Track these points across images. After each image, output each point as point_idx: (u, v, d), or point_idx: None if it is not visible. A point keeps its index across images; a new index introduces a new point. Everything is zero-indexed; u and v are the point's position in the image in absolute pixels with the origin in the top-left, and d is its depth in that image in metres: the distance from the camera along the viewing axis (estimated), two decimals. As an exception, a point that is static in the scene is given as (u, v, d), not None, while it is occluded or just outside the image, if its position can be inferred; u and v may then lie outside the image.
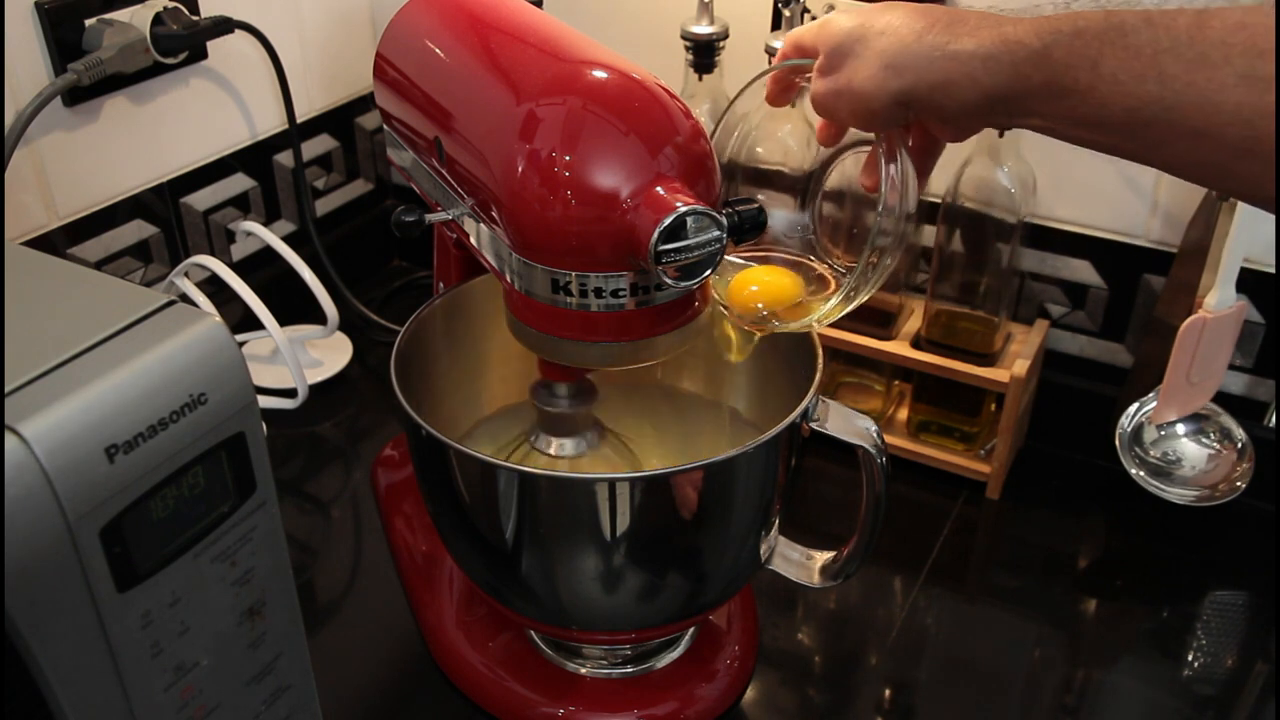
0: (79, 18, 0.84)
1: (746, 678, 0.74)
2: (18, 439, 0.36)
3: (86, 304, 0.43)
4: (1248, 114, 0.42)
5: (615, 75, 0.55)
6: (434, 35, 0.67)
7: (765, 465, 0.62)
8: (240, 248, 1.04)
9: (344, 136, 1.13)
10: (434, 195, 0.68)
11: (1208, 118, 0.43)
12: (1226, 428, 0.86)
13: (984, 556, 0.88)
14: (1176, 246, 0.85)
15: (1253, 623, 0.81)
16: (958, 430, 0.92)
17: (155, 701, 0.44)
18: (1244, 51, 0.41)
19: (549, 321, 0.57)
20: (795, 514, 0.89)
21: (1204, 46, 0.42)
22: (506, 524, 0.61)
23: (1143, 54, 0.44)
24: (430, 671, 0.75)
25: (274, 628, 0.49)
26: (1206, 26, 0.43)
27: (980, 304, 0.88)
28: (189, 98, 0.95)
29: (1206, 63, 0.42)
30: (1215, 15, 0.43)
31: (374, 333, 1.10)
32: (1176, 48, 0.43)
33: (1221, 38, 0.42)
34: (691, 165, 0.54)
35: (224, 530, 0.44)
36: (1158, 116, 0.44)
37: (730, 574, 0.67)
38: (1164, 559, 0.85)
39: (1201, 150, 0.44)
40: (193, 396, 0.41)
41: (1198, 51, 0.43)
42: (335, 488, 0.93)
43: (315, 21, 1.05)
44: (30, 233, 0.86)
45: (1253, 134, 0.42)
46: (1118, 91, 0.45)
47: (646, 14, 0.98)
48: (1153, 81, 0.44)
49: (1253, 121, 0.41)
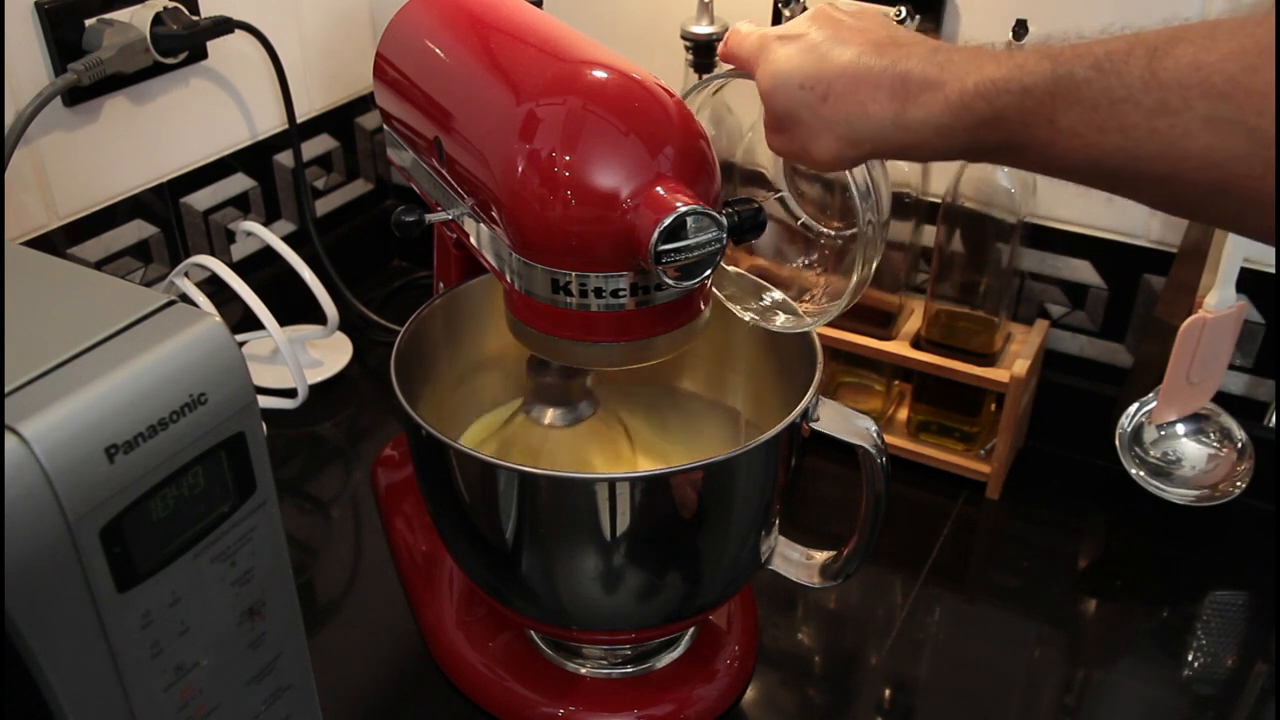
0: (79, 18, 0.84)
1: (746, 678, 0.74)
2: (18, 439, 0.36)
3: (86, 304, 0.42)
4: (1217, 157, 0.40)
5: (615, 75, 0.55)
6: (434, 35, 0.67)
7: (765, 465, 0.62)
8: (240, 248, 1.04)
9: (344, 136, 1.13)
10: (434, 195, 0.68)
11: (1175, 164, 0.41)
12: (1226, 428, 0.86)
13: (984, 556, 0.88)
14: (1176, 246, 0.85)
15: (1253, 623, 0.81)
16: (958, 430, 0.92)
17: (155, 701, 0.44)
18: (1203, 94, 0.39)
19: (549, 321, 0.57)
20: (795, 514, 0.89)
21: (1161, 93, 0.40)
22: (506, 524, 0.61)
23: (1099, 106, 0.42)
24: (430, 671, 0.75)
25: (274, 628, 0.49)
26: (1160, 69, 0.40)
27: (980, 304, 0.88)
28: (189, 98, 0.95)
29: (1167, 109, 0.40)
30: (1166, 56, 0.40)
31: (374, 333, 1.10)
32: (1133, 96, 0.41)
33: (1177, 79, 0.40)
34: (691, 165, 0.54)
35: (224, 530, 0.44)
36: (1123, 166, 0.43)
37: (730, 574, 0.67)
38: (1164, 559, 0.85)
39: (1173, 191, 0.42)
40: (193, 396, 0.41)
41: (1155, 99, 0.40)
42: (335, 488, 0.93)
43: (315, 21, 1.05)
44: (30, 233, 0.86)
45: (1224, 175, 0.40)
46: (1078, 144, 0.43)
47: (646, 14, 0.98)
48: (1114, 132, 0.42)
49: (1222, 164, 0.40)
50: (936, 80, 0.47)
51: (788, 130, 0.53)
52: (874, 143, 0.50)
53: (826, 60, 0.51)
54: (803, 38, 0.52)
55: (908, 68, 0.48)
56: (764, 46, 0.54)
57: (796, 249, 0.69)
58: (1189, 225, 0.83)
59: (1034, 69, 0.44)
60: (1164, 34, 0.41)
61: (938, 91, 0.47)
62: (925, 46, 0.49)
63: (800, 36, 0.53)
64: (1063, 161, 0.45)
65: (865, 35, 0.51)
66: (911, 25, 0.80)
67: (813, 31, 0.52)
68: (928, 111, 0.47)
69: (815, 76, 0.51)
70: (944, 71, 0.47)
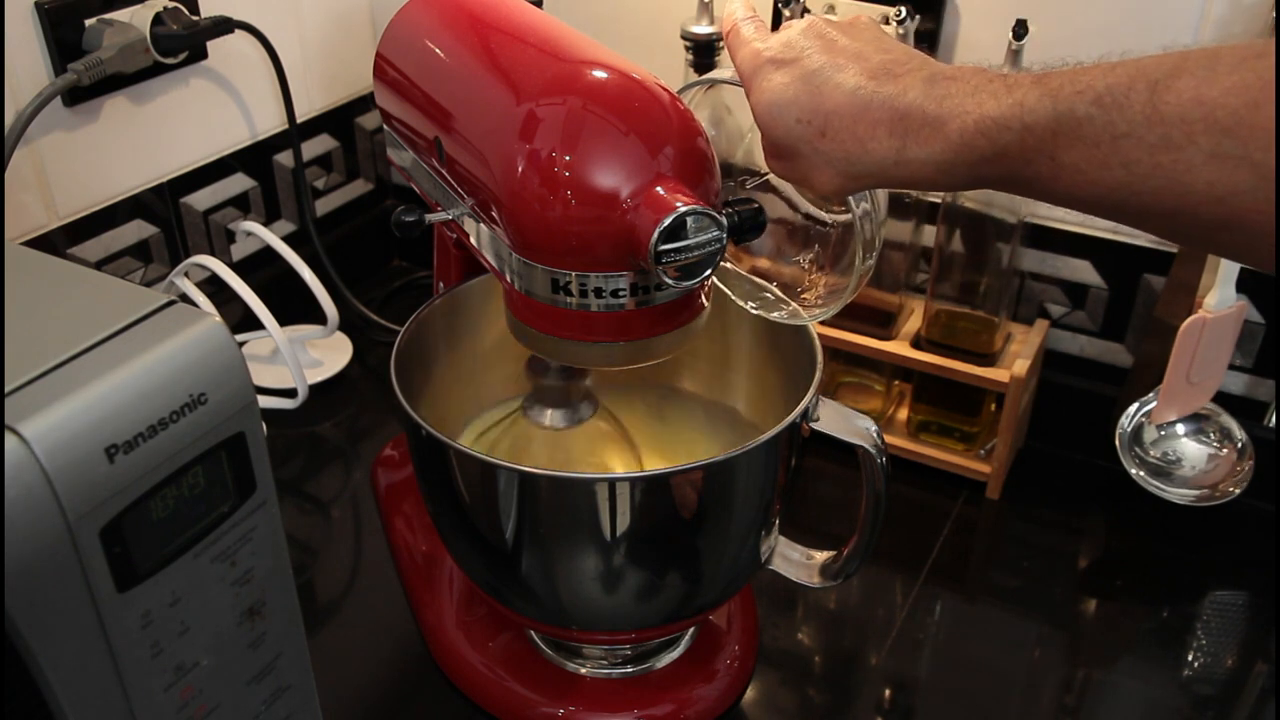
0: (79, 18, 0.84)
1: (746, 678, 0.74)
2: (18, 439, 0.36)
3: (86, 304, 0.42)
4: (1220, 192, 0.39)
5: (615, 75, 0.55)
6: (434, 35, 0.67)
7: (765, 465, 0.62)
8: (240, 248, 1.04)
9: (344, 136, 1.13)
10: (434, 195, 0.68)
11: (1178, 199, 0.41)
12: (1226, 428, 0.86)
13: (984, 556, 0.88)
14: (1176, 246, 0.85)
15: (1253, 623, 0.81)
16: (958, 430, 0.92)
17: (155, 701, 0.44)
18: (1207, 129, 0.39)
19: (549, 321, 0.57)
20: (795, 514, 0.89)
21: (1163, 128, 0.40)
22: (506, 524, 0.61)
23: (1101, 143, 0.42)
24: (430, 671, 0.75)
25: (274, 628, 0.49)
26: (1162, 104, 0.40)
27: (980, 304, 0.88)
28: (189, 98, 0.95)
29: (1170, 144, 0.40)
30: (1167, 90, 0.40)
31: (374, 333, 1.10)
32: (1135, 132, 0.41)
33: (1180, 115, 0.40)
34: (691, 165, 0.54)
35: (224, 530, 0.44)
36: (1126, 201, 0.42)
37: (730, 574, 0.67)
38: (1164, 559, 0.85)
39: (1178, 225, 0.42)
40: (193, 396, 0.41)
41: (1159, 134, 0.40)
42: (335, 488, 0.93)
43: (315, 21, 1.05)
44: (30, 233, 0.86)
45: (1229, 210, 0.40)
46: (1081, 180, 0.43)
47: (646, 14, 0.98)
48: (1117, 168, 0.42)
49: (1227, 199, 0.39)
50: (936, 116, 0.47)
51: (788, 160, 0.53)
52: (875, 178, 0.50)
53: (822, 94, 0.50)
54: (797, 63, 0.51)
55: (906, 103, 0.48)
56: (757, 70, 0.53)
57: (796, 246, 0.69)
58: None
59: (1034, 106, 0.44)
60: (1164, 64, 0.41)
61: (938, 129, 0.47)
62: (921, 76, 0.48)
63: (794, 62, 0.51)
64: (1067, 196, 0.44)
65: (861, 62, 0.50)
66: (911, 25, 0.80)
67: (807, 55, 0.51)
68: (929, 150, 0.47)
69: (812, 110, 0.50)
70: (942, 106, 0.47)
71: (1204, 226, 0.41)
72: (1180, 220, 0.42)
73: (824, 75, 0.50)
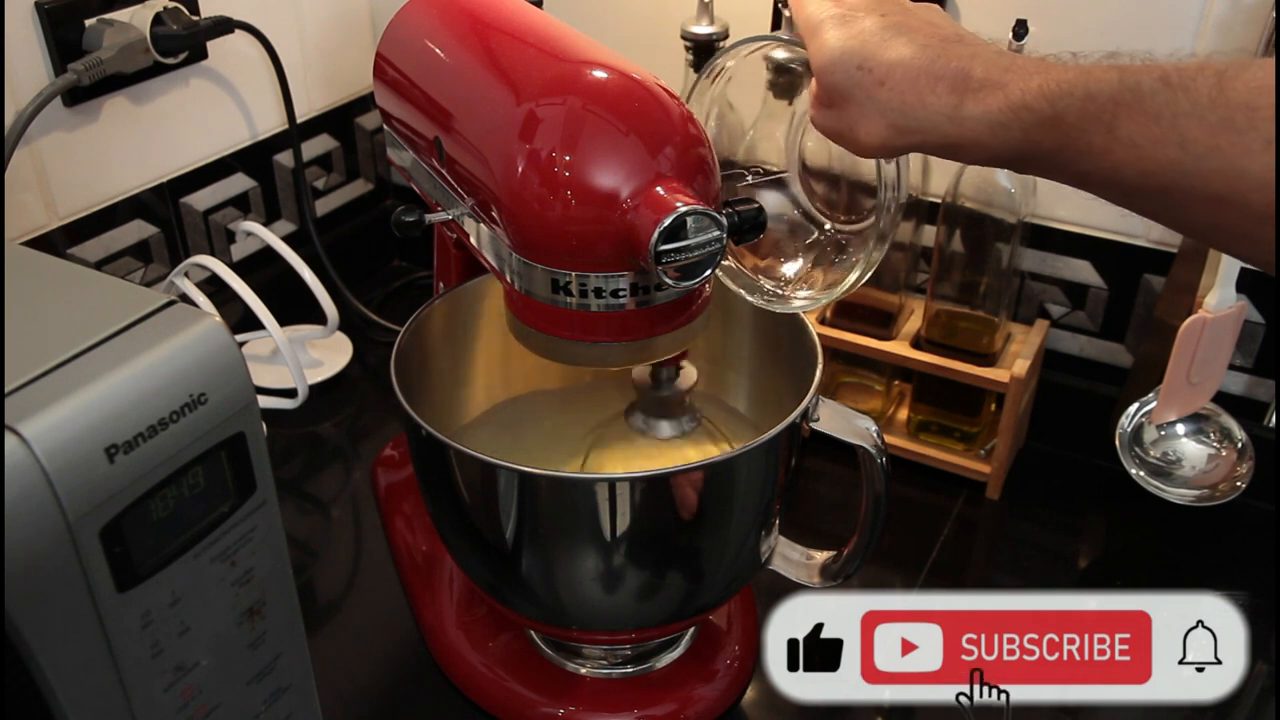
0: (79, 18, 0.84)
1: (746, 678, 0.74)
2: (18, 439, 0.36)
3: (86, 304, 0.43)
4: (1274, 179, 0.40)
5: (615, 75, 0.55)
6: (434, 35, 0.67)
7: (765, 465, 0.62)
8: (240, 248, 1.04)
9: (344, 136, 1.13)
10: (434, 195, 0.68)
11: (1231, 183, 0.41)
12: (1226, 428, 0.86)
13: (984, 556, 0.88)
14: (1176, 246, 0.85)
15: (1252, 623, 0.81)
16: (958, 430, 0.92)
17: (155, 701, 0.44)
18: (1269, 116, 0.39)
19: (549, 321, 0.57)
20: (795, 514, 0.89)
21: (1227, 110, 0.40)
22: (506, 524, 0.61)
23: (1161, 118, 0.42)
24: (430, 671, 0.75)
25: (274, 628, 0.49)
26: (1228, 89, 0.40)
27: (980, 304, 0.88)
28: (189, 98, 0.95)
29: (1231, 127, 0.40)
30: (1236, 77, 0.41)
31: (374, 333, 1.10)
32: (1198, 111, 0.41)
33: (1246, 100, 0.40)
34: (691, 165, 0.54)
35: (224, 530, 0.44)
36: (1175, 182, 0.42)
37: (730, 574, 0.67)
38: (1164, 559, 0.85)
39: (1221, 215, 0.42)
40: (193, 396, 0.41)
41: (1221, 115, 0.40)
42: (335, 488, 0.93)
43: (315, 21, 1.05)
44: (30, 233, 0.86)
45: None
46: (1134, 155, 0.43)
47: (646, 14, 0.98)
48: (1173, 146, 0.42)
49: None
50: (999, 81, 0.47)
51: (837, 107, 0.53)
52: (924, 134, 0.50)
53: (889, 45, 0.50)
54: (865, 20, 0.52)
55: (972, 66, 0.48)
56: (823, 21, 0.53)
57: (796, 245, 0.69)
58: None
59: (1101, 76, 0.44)
60: (1233, 62, 0.41)
61: (998, 90, 0.47)
62: (991, 50, 0.49)
63: (862, 19, 0.52)
64: (1115, 173, 0.44)
65: (932, 29, 0.51)
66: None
67: (876, 15, 0.52)
68: (986, 108, 0.47)
69: (876, 60, 0.50)
70: (1008, 74, 0.47)
71: (1249, 217, 0.41)
72: (1225, 208, 0.42)
73: (893, 32, 0.51)
